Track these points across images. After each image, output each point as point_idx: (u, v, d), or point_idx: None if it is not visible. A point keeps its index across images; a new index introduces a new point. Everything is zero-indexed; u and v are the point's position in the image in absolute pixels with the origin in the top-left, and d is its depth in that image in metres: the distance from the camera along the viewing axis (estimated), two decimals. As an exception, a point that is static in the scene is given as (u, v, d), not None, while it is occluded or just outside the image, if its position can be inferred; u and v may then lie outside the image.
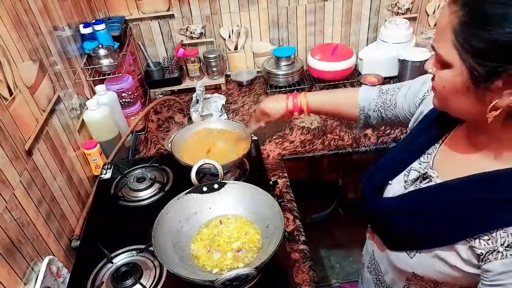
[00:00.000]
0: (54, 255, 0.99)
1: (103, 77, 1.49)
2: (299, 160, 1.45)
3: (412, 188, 0.74)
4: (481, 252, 0.61)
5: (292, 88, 1.81)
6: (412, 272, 0.72)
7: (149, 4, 1.71)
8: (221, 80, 1.87)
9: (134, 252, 1.02)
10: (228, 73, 1.94)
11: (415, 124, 0.83)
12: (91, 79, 1.46)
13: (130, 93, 1.54)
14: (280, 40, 1.90)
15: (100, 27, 1.47)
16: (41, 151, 1.04)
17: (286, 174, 1.35)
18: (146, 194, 1.20)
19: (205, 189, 1.01)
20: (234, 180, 1.20)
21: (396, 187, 0.78)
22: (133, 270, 0.95)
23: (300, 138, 1.52)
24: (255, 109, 1.06)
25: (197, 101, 1.60)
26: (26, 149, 0.97)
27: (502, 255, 0.58)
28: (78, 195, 1.23)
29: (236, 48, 1.89)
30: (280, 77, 1.78)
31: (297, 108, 1.05)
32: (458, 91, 0.59)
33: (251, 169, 1.25)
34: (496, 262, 0.59)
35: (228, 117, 1.67)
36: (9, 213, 0.85)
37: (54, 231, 1.04)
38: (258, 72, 1.94)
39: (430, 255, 0.68)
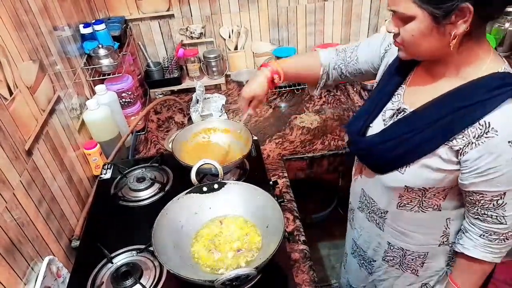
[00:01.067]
0: (54, 255, 0.99)
1: (103, 77, 1.49)
2: (299, 160, 1.45)
3: (390, 122, 0.89)
4: (459, 148, 0.76)
5: (292, 88, 1.81)
6: (404, 185, 0.85)
7: (149, 4, 1.71)
8: (221, 80, 1.87)
9: (134, 252, 1.02)
10: (228, 73, 1.94)
11: (382, 75, 0.96)
12: (91, 79, 1.46)
13: (130, 93, 1.54)
14: (280, 40, 1.90)
15: (100, 27, 1.47)
16: (41, 151, 1.04)
17: (286, 174, 1.35)
18: (146, 194, 1.20)
19: (205, 189, 1.01)
20: (234, 180, 1.20)
21: (376, 128, 0.92)
22: (133, 270, 0.95)
23: (300, 138, 1.52)
24: (239, 100, 1.11)
25: (197, 101, 1.60)
26: (26, 149, 0.97)
27: (475, 144, 0.73)
28: (78, 195, 1.23)
29: (236, 48, 1.89)
30: (280, 77, 1.78)
31: (275, 72, 1.10)
32: (426, 34, 0.73)
33: (251, 169, 1.25)
34: (472, 151, 0.74)
35: (228, 117, 1.67)
36: (9, 213, 0.85)
37: (54, 231, 1.04)
38: (258, 72, 1.94)
39: (417, 165, 0.82)
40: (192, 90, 1.89)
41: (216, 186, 1.01)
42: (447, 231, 0.92)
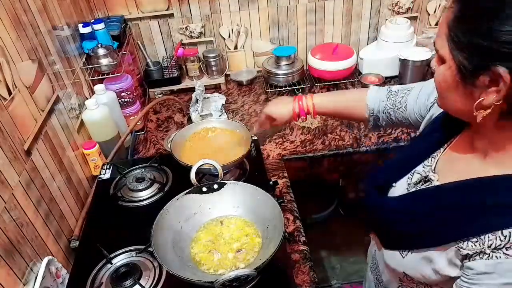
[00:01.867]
0: (53, 256, 0.99)
1: (102, 77, 1.48)
2: (299, 160, 1.45)
3: (413, 189, 0.75)
4: (467, 253, 0.61)
5: (292, 87, 1.80)
6: (403, 272, 0.73)
7: (148, 3, 1.71)
8: (221, 79, 1.87)
9: (133, 252, 1.01)
10: (228, 72, 1.93)
11: (424, 128, 0.83)
12: (90, 78, 1.46)
13: (129, 92, 1.54)
14: (280, 40, 1.89)
15: (99, 26, 1.47)
16: (40, 151, 1.04)
17: (286, 174, 1.35)
18: (146, 194, 1.19)
19: (204, 189, 1.00)
20: (234, 180, 1.19)
21: (399, 190, 0.78)
22: (132, 271, 0.95)
23: (300, 138, 1.51)
24: (259, 112, 1.05)
25: (197, 101, 1.60)
26: (25, 149, 0.96)
27: (488, 256, 0.58)
28: (77, 195, 1.23)
29: (236, 48, 1.88)
30: (280, 76, 1.78)
31: (303, 111, 1.03)
32: (450, 86, 0.60)
33: (251, 169, 1.25)
34: (480, 261, 0.59)
35: (228, 117, 1.66)
36: (8, 214, 0.85)
37: (53, 231, 1.04)
38: (258, 71, 1.93)
39: (420, 255, 0.68)
40: (191, 89, 1.88)
41: (215, 186, 1.01)
42: None
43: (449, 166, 0.71)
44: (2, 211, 0.83)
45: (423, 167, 0.75)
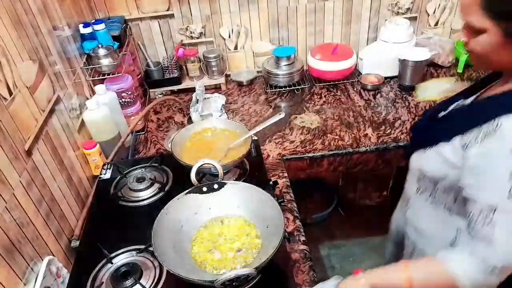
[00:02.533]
0: (53, 255, 0.99)
1: (102, 77, 1.48)
2: (299, 160, 1.45)
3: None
4: (465, 143, 0.76)
5: (292, 88, 1.81)
6: (419, 168, 0.90)
7: (148, 4, 1.71)
8: (221, 80, 1.87)
9: (134, 252, 1.01)
10: (228, 73, 1.94)
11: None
12: (91, 79, 1.46)
13: (129, 93, 1.54)
14: (280, 40, 1.90)
15: (100, 27, 1.47)
16: (40, 151, 1.04)
17: (286, 174, 1.35)
18: (146, 194, 1.20)
19: (205, 189, 1.00)
20: (234, 180, 1.20)
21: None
22: (132, 270, 0.95)
23: (300, 138, 1.52)
24: None
25: (197, 101, 1.60)
26: (26, 149, 0.97)
27: (480, 140, 0.73)
28: (78, 195, 1.23)
29: (236, 48, 1.89)
30: (280, 77, 1.78)
31: None
32: (496, 48, 0.72)
33: (251, 169, 1.25)
34: (474, 146, 0.74)
35: (228, 117, 1.66)
36: (8, 213, 0.85)
37: (53, 231, 1.04)
38: (258, 72, 1.94)
39: (435, 150, 0.84)
40: (192, 90, 1.88)
41: (216, 186, 1.01)
42: (454, 243, 0.89)
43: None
44: (3, 211, 0.83)
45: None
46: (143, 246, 1.01)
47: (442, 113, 0.92)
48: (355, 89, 1.79)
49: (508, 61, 0.74)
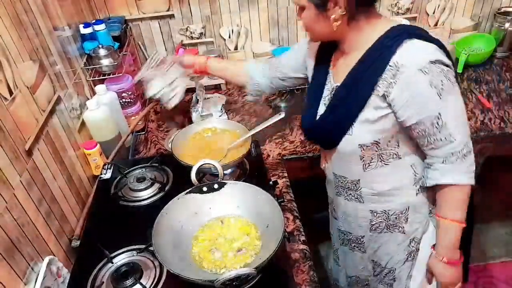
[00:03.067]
0: (54, 255, 0.99)
1: (103, 77, 1.49)
2: (299, 160, 1.45)
3: (329, 102, 1.01)
4: (383, 92, 0.87)
5: (292, 88, 1.80)
6: (358, 144, 0.95)
7: (149, 4, 1.71)
8: (222, 80, 1.87)
9: (134, 252, 1.02)
10: (228, 73, 1.94)
11: (313, 71, 1.09)
12: (91, 79, 1.46)
13: (130, 93, 1.54)
14: (280, 40, 1.90)
15: (100, 27, 1.47)
16: (41, 151, 1.04)
17: (286, 174, 1.35)
18: (146, 194, 1.20)
19: (205, 189, 1.01)
20: (234, 180, 1.20)
21: (320, 112, 1.02)
22: (133, 270, 0.95)
23: (300, 138, 1.52)
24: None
25: (197, 101, 1.60)
26: (26, 149, 0.97)
27: (394, 82, 0.85)
28: (78, 195, 1.23)
29: (236, 48, 1.89)
30: (280, 77, 1.78)
31: (198, 66, 1.33)
32: (315, 20, 0.89)
33: (251, 169, 1.25)
34: (394, 89, 0.85)
35: (228, 117, 1.66)
36: (9, 213, 0.85)
37: (54, 231, 1.04)
38: (258, 72, 1.94)
39: (359, 123, 0.92)
40: (192, 90, 1.89)
41: (216, 186, 1.01)
42: (417, 177, 1.00)
43: (341, 75, 0.97)
44: (3, 211, 0.83)
45: (327, 90, 1.02)
46: (143, 246, 1.01)
47: (323, 103, 1.02)
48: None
49: (328, 31, 0.90)
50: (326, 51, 1.03)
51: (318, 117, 1.02)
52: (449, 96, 0.84)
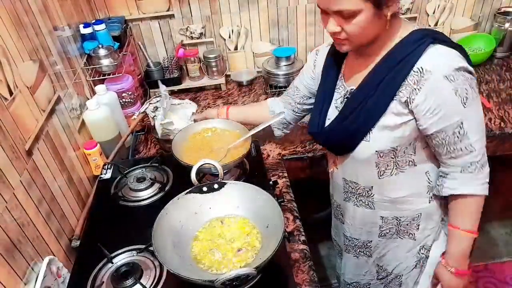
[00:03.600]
0: (54, 255, 0.99)
1: (103, 77, 1.49)
2: (299, 160, 1.45)
3: (342, 105, 0.98)
4: (406, 98, 0.85)
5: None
6: (375, 151, 0.93)
7: (149, 4, 1.71)
8: (221, 80, 1.87)
9: (134, 252, 1.02)
10: (228, 73, 1.94)
11: (320, 79, 1.07)
12: (91, 79, 1.46)
13: (130, 93, 1.55)
14: (280, 40, 1.90)
15: (100, 27, 1.47)
16: (41, 151, 1.04)
17: (286, 174, 1.35)
18: (146, 194, 1.20)
19: (205, 189, 1.01)
20: (234, 180, 1.20)
21: (333, 117, 0.99)
22: (133, 270, 0.95)
23: (300, 138, 1.52)
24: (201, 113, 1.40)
25: (156, 108, 1.43)
26: (26, 149, 0.97)
27: (418, 89, 0.83)
28: (78, 195, 1.23)
29: (236, 48, 1.89)
30: (280, 77, 1.78)
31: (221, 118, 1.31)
32: (371, 22, 0.82)
33: (251, 169, 1.25)
34: (417, 96, 0.83)
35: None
36: (9, 213, 0.85)
37: (54, 231, 1.04)
38: (258, 72, 1.94)
39: (378, 129, 0.90)
40: (192, 90, 1.89)
41: (216, 186, 1.01)
42: (430, 185, 0.99)
43: (355, 79, 0.94)
44: (3, 211, 0.83)
45: (338, 93, 0.99)
46: (143, 246, 1.01)
47: (333, 113, 1.00)
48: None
49: (378, 31, 0.86)
50: (336, 54, 1.00)
51: (328, 121, 1.00)
52: (472, 105, 0.83)
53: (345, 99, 0.97)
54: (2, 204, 0.83)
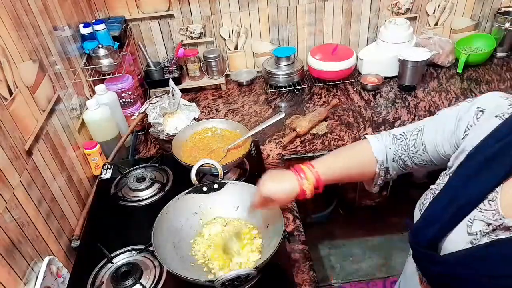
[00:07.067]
0: (54, 255, 0.99)
1: (103, 77, 1.49)
2: (299, 160, 1.45)
3: (484, 240, 0.62)
4: None
5: (292, 88, 1.81)
6: None
7: (149, 4, 1.71)
8: (221, 80, 1.87)
9: (134, 252, 1.02)
10: (228, 73, 1.94)
11: (458, 166, 0.70)
12: (91, 79, 1.46)
13: (130, 93, 1.54)
14: (280, 40, 1.90)
15: (100, 27, 1.47)
16: (41, 151, 1.04)
17: (286, 174, 1.35)
18: (146, 194, 1.20)
19: (205, 189, 1.01)
20: (234, 180, 1.20)
21: (458, 243, 0.66)
22: (133, 270, 0.95)
23: (300, 138, 1.52)
24: (255, 194, 0.87)
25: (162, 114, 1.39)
26: (26, 149, 0.97)
27: None
28: (78, 195, 1.23)
29: (236, 48, 1.89)
30: (280, 77, 1.78)
31: (317, 185, 0.85)
32: None
33: (251, 169, 1.25)
34: None
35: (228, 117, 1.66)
36: (9, 213, 0.85)
37: (54, 231, 1.04)
38: (258, 72, 1.94)
39: None
40: (192, 90, 1.89)
41: (216, 186, 1.01)
42: None
43: None
44: (3, 211, 0.83)
45: (481, 212, 0.64)
46: (143, 246, 1.01)
47: (460, 239, 0.65)
48: (355, 89, 1.80)
49: None
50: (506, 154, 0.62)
51: (448, 248, 0.67)
52: None
53: (492, 236, 0.62)
54: (2, 204, 0.83)
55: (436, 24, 1.92)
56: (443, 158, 0.77)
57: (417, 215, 0.75)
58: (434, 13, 1.88)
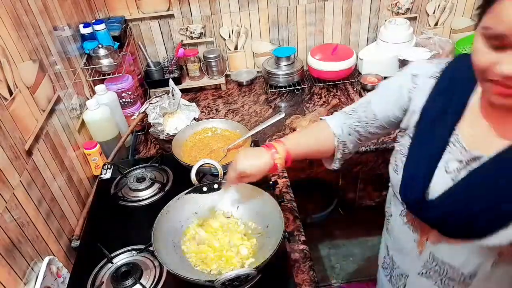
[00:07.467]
0: (54, 255, 0.99)
1: (103, 77, 1.49)
2: (299, 160, 1.45)
3: (462, 175, 0.70)
4: None
5: (292, 88, 1.81)
6: (510, 240, 0.66)
7: (149, 4, 1.71)
8: (221, 80, 1.87)
9: (134, 252, 1.02)
10: (228, 73, 1.94)
11: (416, 125, 0.79)
12: (91, 79, 1.46)
13: (130, 93, 1.54)
14: (280, 40, 1.90)
15: (100, 27, 1.47)
16: (41, 151, 1.04)
17: (286, 174, 1.35)
18: (146, 194, 1.20)
19: (205, 189, 1.01)
20: (234, 180, 1.20)
21: (440, 186, 0.73)
22: (133, 270, 0.95)
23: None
24: (229, 170, 0.91)
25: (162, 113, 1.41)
26: (26, 149, 0.97)
27: None
28: (78, 195, 1.23)
29: (236, 48, 1.89)
30: (280, 77, 1.79)
31: (287, 157, 0.92)
32: None
33: (251, 169, 1.25)
34: None
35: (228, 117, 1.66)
36: (9, 213, 0.85)
37: (54, 231, 1.04)
38: (258, 72, 1.94)
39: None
40: (192, 90, 1.89)
41: (216, 186, 1.01)
42: None
43: (485, 141, 0.69)
44: (3, 211, 0.83)
45: (450, 153, 0.72)
46: (143, 246, 1.01)
47: (441, 182, 0.73)
48: (355, 89, 1.80)
49: None
50: (450, 97, 0.73)
51: (433, 193, 0.74)
52: None
53: (468, 168, 0.70)
54: (2, 204, 0.83)
55: (436, 24, 1.92)
56: (393, 121, 0.87)
57: (393, 176, 0.84)
58: (434, 13, 1.88)
